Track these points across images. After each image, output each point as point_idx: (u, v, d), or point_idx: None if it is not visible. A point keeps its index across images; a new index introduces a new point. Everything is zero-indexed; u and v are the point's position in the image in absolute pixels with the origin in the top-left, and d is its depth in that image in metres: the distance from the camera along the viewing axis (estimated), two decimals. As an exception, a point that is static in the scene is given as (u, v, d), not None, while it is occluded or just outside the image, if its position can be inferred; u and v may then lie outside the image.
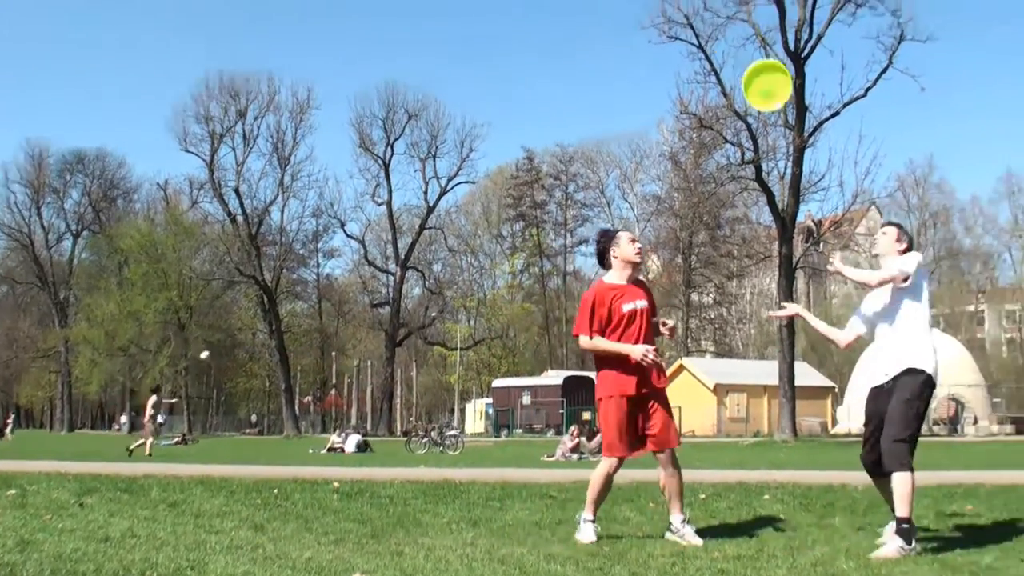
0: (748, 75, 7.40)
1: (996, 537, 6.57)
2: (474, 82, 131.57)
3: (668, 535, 6.67)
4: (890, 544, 6.07)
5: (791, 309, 7.78)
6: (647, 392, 6.72)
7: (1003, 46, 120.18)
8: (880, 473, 6.45)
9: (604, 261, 7.08)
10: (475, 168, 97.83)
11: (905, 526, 6.07)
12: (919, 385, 6.60)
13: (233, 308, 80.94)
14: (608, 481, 6.84)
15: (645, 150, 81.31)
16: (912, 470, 6.21)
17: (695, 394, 54.30)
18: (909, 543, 6.03)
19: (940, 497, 8.95)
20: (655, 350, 6.68)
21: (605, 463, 6.83)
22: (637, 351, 6.63)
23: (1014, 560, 5.54)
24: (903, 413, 6.42)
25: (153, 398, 27.31)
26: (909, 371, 6.59)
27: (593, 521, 6.78)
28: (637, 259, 7.00)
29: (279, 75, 79.28)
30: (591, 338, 6.80)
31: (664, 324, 6.98)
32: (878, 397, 6.66)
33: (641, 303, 6.87)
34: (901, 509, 6.11)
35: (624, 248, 6.98)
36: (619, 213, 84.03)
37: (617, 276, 6.99)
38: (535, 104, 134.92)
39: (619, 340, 6.76)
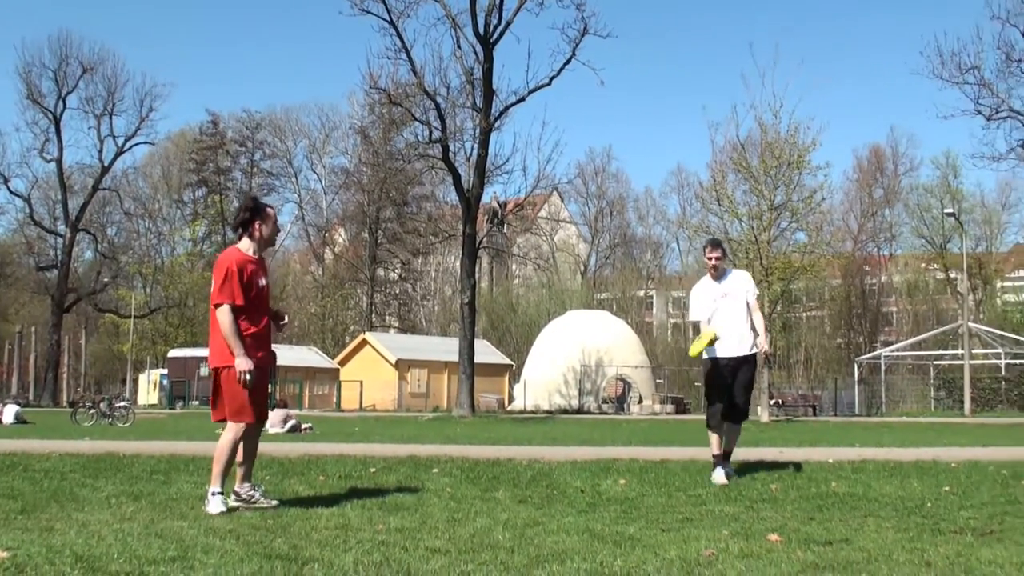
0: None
1: (643, 509, 7.00)
2: (157, 39, 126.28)
3: (234, 501, 6.88)
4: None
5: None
6: (264, 365, 6.91)
7: (677, 51, 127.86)
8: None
9: (244, 228, 7.00)
10: (155, 129, 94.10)
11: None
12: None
13: None
14: (236, 448, 6.86)
15: (335, 122, 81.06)
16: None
17: (377, 368, 54.68)
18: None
19: (598, 471, 9.42)
20: (254, 373, 6.71)
21: (234, 430, 6.83)
22: (242, 365, 6.66)
23: (656, 530, 5.91)
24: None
25: None
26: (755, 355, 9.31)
27: (222, 493, 6.77)
28: (274, 244, 7.35)
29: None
30: (229, 305, 6.72)
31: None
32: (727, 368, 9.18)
33: (267, 280, 7.06)
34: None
35: (271, 228, 7.06)
36: (307, 184, 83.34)
37: (251, 248, 6.99)
38: (221, 67, 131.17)
39: (251, 312, 6.83)
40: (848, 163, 79.38)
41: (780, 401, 43.09)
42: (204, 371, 56.40)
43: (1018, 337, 50.55)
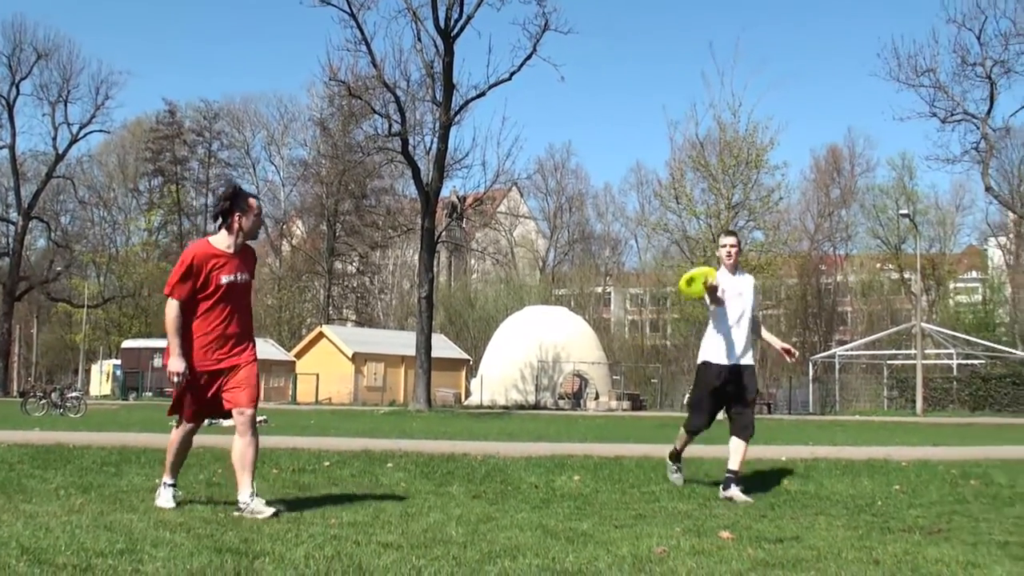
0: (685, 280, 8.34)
1: (597, 506, 7.02)
2: (113, 26, 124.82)
3: (236, 514, 6.27)
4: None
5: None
6: (224, 367, 6.52)
7: (637, 49, 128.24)
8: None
9: (223, 219, 6.55)
10: (111, 117, 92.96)
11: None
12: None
13: None
14: (179, 442, 6.71)
15: (294, 113, 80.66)
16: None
17: (333, 362, 54.50)
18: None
19: (552, 467, 9.41)
20: (184, 374, 6.36)
21: (181, 426, 6.73)
22: (173, 366, 6.35)
23: (608, 526, 5.93)
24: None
25: None
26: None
27: (173, 485, 6.68)
28: (255, 237, 6.70)
29: None
30: (178, 301, 6.39)
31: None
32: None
33: (244, 276, 6.56)
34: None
35: (252, 221, 6.56)
36: (264, 175, 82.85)
37: (226, 241, 6.53)
38: (179, 56, 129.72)
39: (211, 310, 6.45)
40: (806, 163, 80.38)
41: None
42: (158, 362, 55.98)
43: (970, 338, 51.18)
